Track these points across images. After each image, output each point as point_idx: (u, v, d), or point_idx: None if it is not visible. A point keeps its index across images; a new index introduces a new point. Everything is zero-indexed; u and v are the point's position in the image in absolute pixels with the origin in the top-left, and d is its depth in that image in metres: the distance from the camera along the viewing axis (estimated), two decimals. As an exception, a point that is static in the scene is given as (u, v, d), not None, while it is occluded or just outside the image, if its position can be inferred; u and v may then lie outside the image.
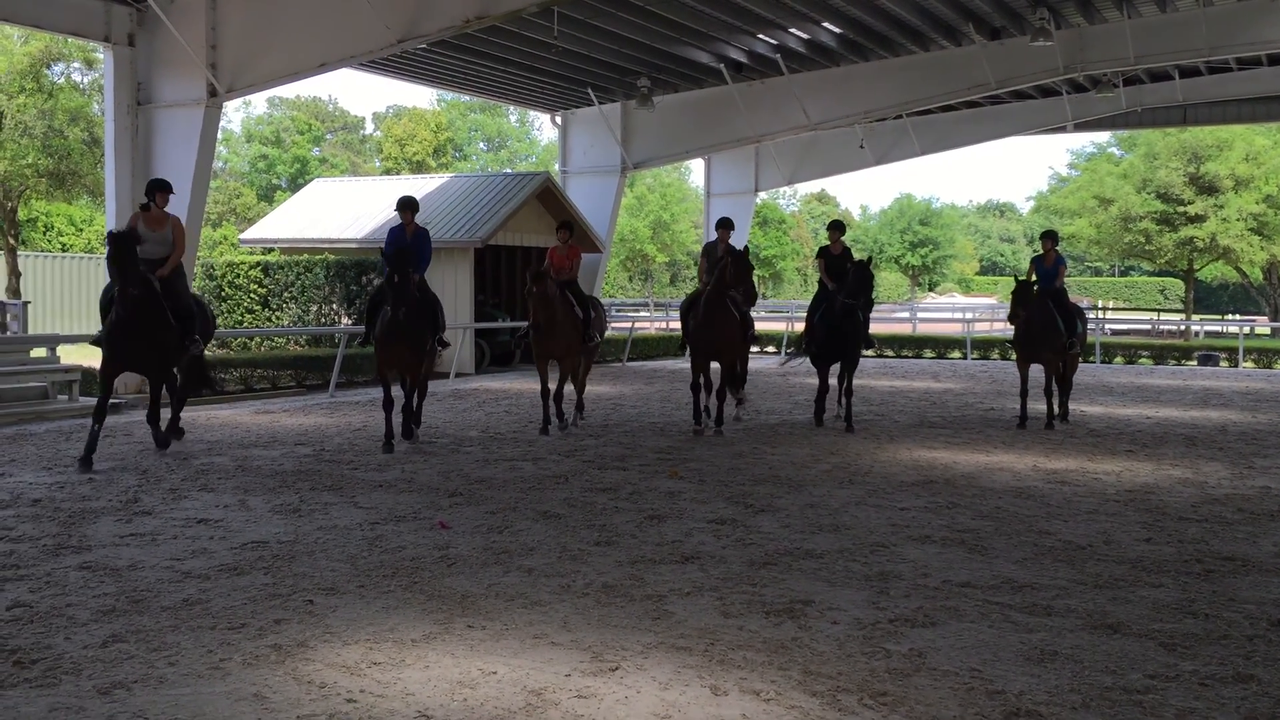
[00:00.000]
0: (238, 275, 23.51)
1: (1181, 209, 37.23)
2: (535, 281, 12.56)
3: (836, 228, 14.41)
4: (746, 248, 13.63)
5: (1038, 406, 14.50)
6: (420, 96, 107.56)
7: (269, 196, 62.40)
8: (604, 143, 26.54)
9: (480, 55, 22.26)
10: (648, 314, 42.91)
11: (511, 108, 66.75)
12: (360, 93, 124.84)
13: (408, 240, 11.86)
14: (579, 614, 5.86)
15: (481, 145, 76.19)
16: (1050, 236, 14.77)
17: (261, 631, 5.47)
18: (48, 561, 6.81)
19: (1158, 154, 38.40)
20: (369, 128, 77.97)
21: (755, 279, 13.59)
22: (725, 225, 13.44)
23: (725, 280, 12.62)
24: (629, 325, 30.40)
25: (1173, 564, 7.15)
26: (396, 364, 12.01)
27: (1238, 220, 36.48)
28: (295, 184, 63.42)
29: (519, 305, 26.43)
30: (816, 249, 14.89)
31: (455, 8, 15.22)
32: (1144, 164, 38.95)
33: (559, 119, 27.90)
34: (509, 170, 59.62)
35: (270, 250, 25.32)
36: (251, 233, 27.45)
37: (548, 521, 8.19)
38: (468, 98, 54.98)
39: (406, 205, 12.11)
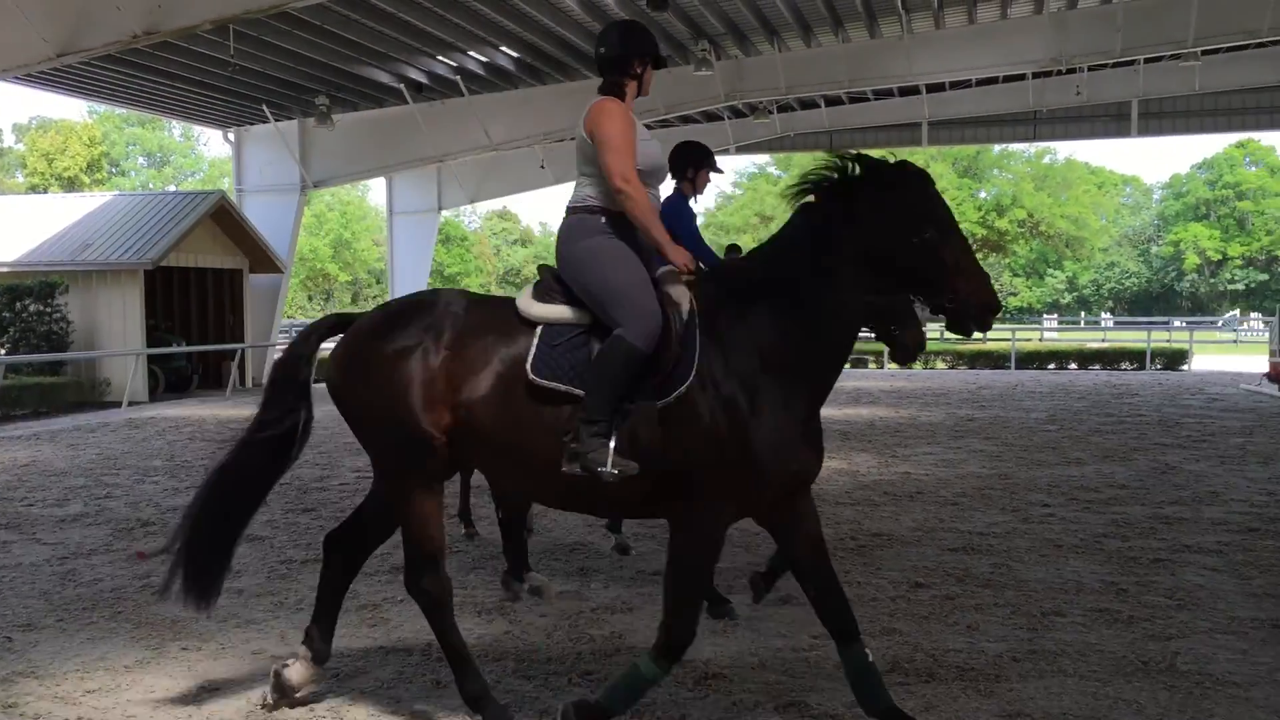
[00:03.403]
0: None
1: (832, 225, 40.81)
2: None
3: None
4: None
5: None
6: (70, 108, 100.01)
7: (-109, 215, 56.02)
8: (282, 161, 25.91)
9: (145, 70, 21.27)
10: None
11: (175, 122, 63.28)
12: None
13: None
14: (295, 629, 6.00)
15: (141, 160, 71.70)
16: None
17: (-43, 674, 5.28)
18: None
19: (810, 175, 41.91)
20: (8, 140, 71.57)
21: None
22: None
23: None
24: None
25: (830, 542, 8.05)
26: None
27: (879, 235, 40.43)
28: (-77, 201, 57.30)
29: (195, 329, 25.37)
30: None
31: (122, 22, 14.50)
32: (798, 184, 42.39)
33: (231, 135, 27.00)
34: (174, 189, 56.58)
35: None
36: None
37: (252, 544, 8.18)
38: (123, 110, 51.66)
39: (707, 161, 6.95)
